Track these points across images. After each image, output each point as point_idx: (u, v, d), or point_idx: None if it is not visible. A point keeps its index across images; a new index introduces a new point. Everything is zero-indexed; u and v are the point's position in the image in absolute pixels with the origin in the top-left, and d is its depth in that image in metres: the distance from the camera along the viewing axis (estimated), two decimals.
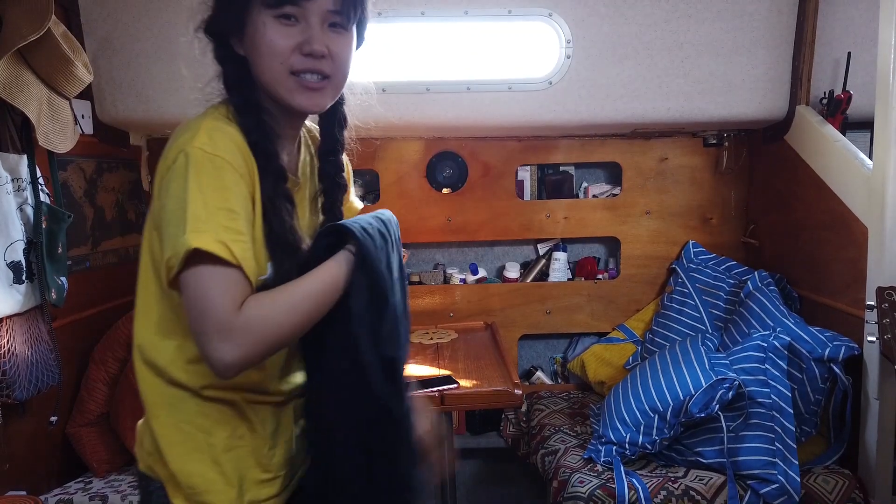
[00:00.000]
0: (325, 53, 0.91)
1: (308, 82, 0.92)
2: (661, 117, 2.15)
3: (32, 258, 1.66)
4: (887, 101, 1.59)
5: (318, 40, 0.90)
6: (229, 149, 0.87)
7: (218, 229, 0.82)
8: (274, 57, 0.90)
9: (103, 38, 2.00)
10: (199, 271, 0.82)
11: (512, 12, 2.06)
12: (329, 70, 0.93)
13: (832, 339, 1.76)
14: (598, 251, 2.63)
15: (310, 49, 0.90)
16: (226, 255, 0.81)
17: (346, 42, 0.95)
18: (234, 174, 0.86)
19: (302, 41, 0.90)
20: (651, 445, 1.75)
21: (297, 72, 0.91)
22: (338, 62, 0.93)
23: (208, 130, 0.87)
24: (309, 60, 0.91)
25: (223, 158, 0.85)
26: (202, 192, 0.83)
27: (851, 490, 1.66)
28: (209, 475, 0.94)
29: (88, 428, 1.91)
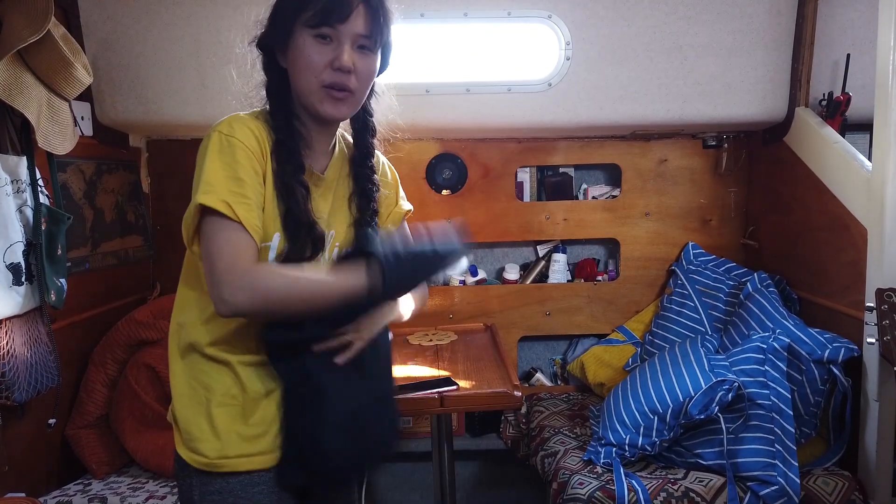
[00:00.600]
0: (351, 69, 1.07)
1: (336, 94, 1.09)
2: (661, 119, 2.15)
3: (32, 260, 1.66)
4: (886, 102, 1.59)
5: (347, 57, 1.07)
6: (244, 133, 1.05)
7: (224, 192, 1.00)
8: (310, 70, 1.08)
9: (103, 40, 2.00)
10: (209, 225, 1.01)
11: (511, 14, 2.06)
12: (353, 85, 1.09)
13: (832, 341, 1.76)
14: (598, 253, 2.63)
15: (339, 64, 1.06)
16: (228, 212, 0.99)
17: (371, 62, 1.12)
18: (244, 151, 1.03)
19: (333, 58, 1.07)
20: (651, 447, 1.75)
21: (327, 85, 1.08)
22: (361, 78, 1.10)
23: (231, 120, 1.06)
24: (338, 74, 1.07)
25: (237, 139, 1.03)
26: (215, 163, 1.02)
27: (851, 492, 1.66)
28: (202, 425, 1.10)
29: (87, 430, 1.91)
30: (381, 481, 2.52)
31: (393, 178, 1.34)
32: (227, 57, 2.01)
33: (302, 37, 1.07)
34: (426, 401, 1.57)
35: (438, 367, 1.82)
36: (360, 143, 1.23)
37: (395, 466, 2.53)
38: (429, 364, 1.85)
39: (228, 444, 1.09)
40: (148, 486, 1.83)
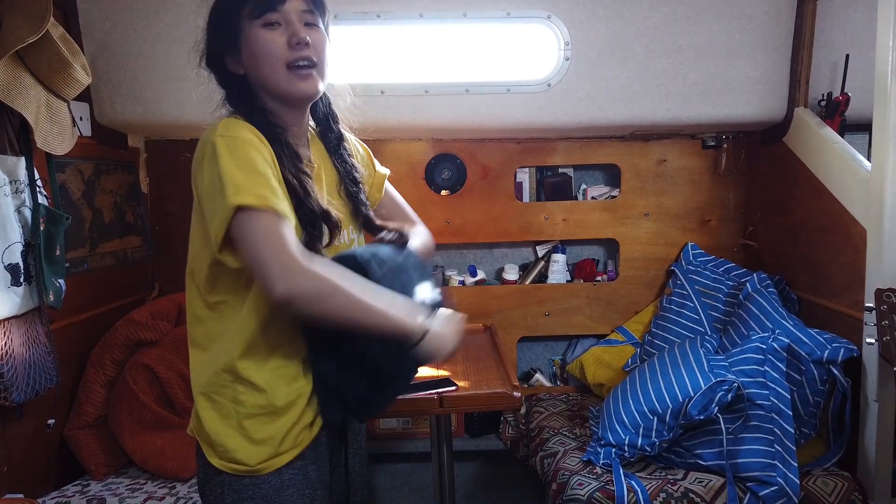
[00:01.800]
0: (309, 42, 1.09)
1: (301, 72, 1.10)
2: (660, 119, 2.15)
3: (30, 260, 1.66)
4: (885, 102, 1.59)
5: (302, 31, 1.09)
6: (245, 131, 1.05)
7: (255, 187, 0.99)
8: (271, 56, 1.09)
9: (102, 41, 2.00)
10: (250, 223, 0.98)
11: (510, 14, 2.06)
12: (315, 57, 1.11)
13: (831, 341, 1.76)
14: (597, 253, 2.63)
15: (297, 39, 1.08)
16: (265, 205, 0.98)
17: (321, 35, 1.13)
18: (254, 147, 1.03)
19: (289, 36, 1.09)
20: (650, 447, 1.75)
21: (290, 64, 1.09)
22: (318, 50, 1.12)
23: (225, 125, 1.05)
24: (298, 49, 1.09)
25: (241, 137, 1.03)
26: (232, 165, 1.00)
27: (851, 492, 1.66)
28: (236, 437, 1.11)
29: (86, 430, 1.90)
30: (381, 482, 2.52)
31: (363, 149, 1.36)
32: None
33: (251, 31, 1.09)
34: (425, 401, 1.57)
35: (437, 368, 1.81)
36: (327, 130, 1.25)
37: (395, 467, 2.52)
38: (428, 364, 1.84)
39: (264, 450, 1.10)
40: (146, 487, 1.83)
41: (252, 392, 1.09)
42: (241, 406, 1.10)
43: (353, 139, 1.33)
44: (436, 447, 1.89)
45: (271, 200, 0.99)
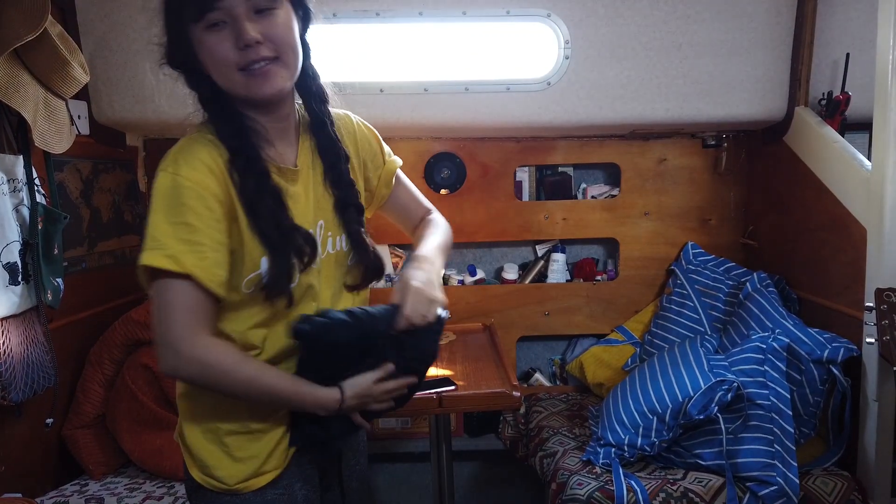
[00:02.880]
0: (259, 39, 0.96)
1: (255, 71, 0.98)
2: (660, 118, 2.15)
3: (28, 259, 1.65)
4: (886, 102, 1.59)
5: (247, 31, 0.95)
6: (191, 168, 0.96)
7: (171, 243, 0.93)
8: (220, 63, 0.98)
9: (100, 39, 1.99)
10: (156, 286, 0.95)
11: (510, 13, 2.06)
12: (272, 52, 0.98)
13: (831, 341, 1.76)
14: (597, 252, 2.62)
15: (242, 42, 0.95)
16: (175, 267, 0.92)
17: (279, 20, 0.99)
18: (192, 191, 0.95)
19: (234, 38, 0.96)
20: (650, 447, 1.75)
21: (243, 67, 0.97)
22: (278, 41, 0.98)
23: (176, 153, 0.98)
24: (248, 52, 0.96)
25: (182, 177, 0.95)
26: (159, 213, 0.95)
27: (850, 492, 1.66)
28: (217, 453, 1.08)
29: (84, 430, 1.90)
30: (381, 481, 2.52)
31: (371, 134, 1.23)
32: None
33: (196, 36, 0.98)
34: (425, 401, 1.56)
35: (437, 367, 1.81)
36: (311, 113, 1.12)
37: (394, 467, 2.52)
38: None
39: (246, 468, 1.07)
40: (145, 487, 1.83)
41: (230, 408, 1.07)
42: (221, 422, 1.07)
43: (357, 121, 1.22)
44: (435, 447, 1.89)
45: (186, 259, 0.92)
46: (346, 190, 1.12)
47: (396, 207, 1.30)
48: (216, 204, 0.97)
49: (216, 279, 0.96)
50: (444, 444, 1.86)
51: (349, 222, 1.13)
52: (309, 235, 1.05)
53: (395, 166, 1.25)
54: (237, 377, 0.99)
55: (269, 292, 1.01)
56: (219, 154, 0.99)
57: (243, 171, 0.99)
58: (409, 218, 1.32)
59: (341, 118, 1.19)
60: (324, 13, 1.98)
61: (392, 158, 1.25)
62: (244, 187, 0.99)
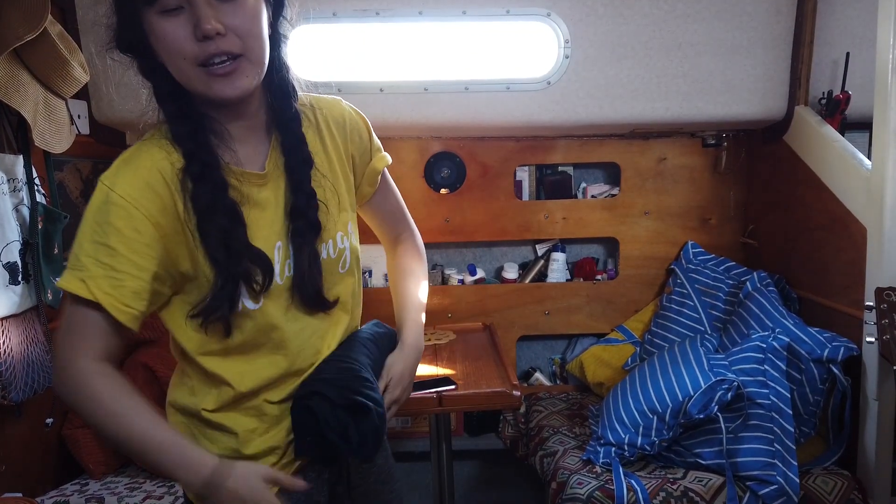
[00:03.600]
0: (220, 31, 0.83)
1: (217, 69, 0.85)
2: (660, 117, 2.15)
3: (28, 259, 1.66)
4: (886, 101, 1.59)
5: (207, 19, 0.82)
6: (130, 182, 0.87)
7: (88, 265, 0.86)
8: (174, 55, 0.85)
9: (100, 38, 1.99)
10: (68, 305, 0.90)
11: (510, 12, 2.06)
12: (236, 47, 0.86)
13: (831, 340, 1.76)
14: (597, 252, 2.62)
15: (201, 32, 0.82)
16: (82, 292, 0.86)
17: (244, 9, 0.86)
18: (123, 210, 0.86)
19: (192, 28, 0.83)
20: (650, 447, 1.75)
21: (201, 63, 0.85)
22: (242, 33, 0.86)
23: (120, 162, 0.90)
24: (207, 45, 0.84)
25: (116, 194, 0.86)
26: (86, 229, 0.87)
27: (850, 491, 1.66)
28: None
29: (84, 429, 1.90)
30: None
31: (363, 124, 1.10)
32: None
33: (148, 20, 0.85)
34: (425, 400, 1.56)
35: (437, 367, 1.81)
36: (274, 110, 0.99)
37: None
38: (427, 363, 1.84)
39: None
40: (145, 486, 1.83)
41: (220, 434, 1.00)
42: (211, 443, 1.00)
43: (350, 110, 1.09)
44: (435, 446, 1.89)
45: (95, 285, 0.85)
46: (300, 198, 0.98)
47: (376, 212, 1.19)
48: (148, 226, 0.87)
49: (127, 311, 0.88)
50: (444, 443, 1.86)
51: (295, 235, 0.98)
52: (262, 256, 0.94)
53: (383, 164, 1.13)
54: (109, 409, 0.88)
55: (203, 317, 0.91)
56: (169, 163, 0.90)
57: (197, 179, 0.89)
58: (386, 228, 1.23)
59: (329, 104, 1.07)
60: (323, 12, 1.99)
61: (381, 155, 1.13)
62: (196, 198, 0.89)
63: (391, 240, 1.25)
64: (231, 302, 0.92)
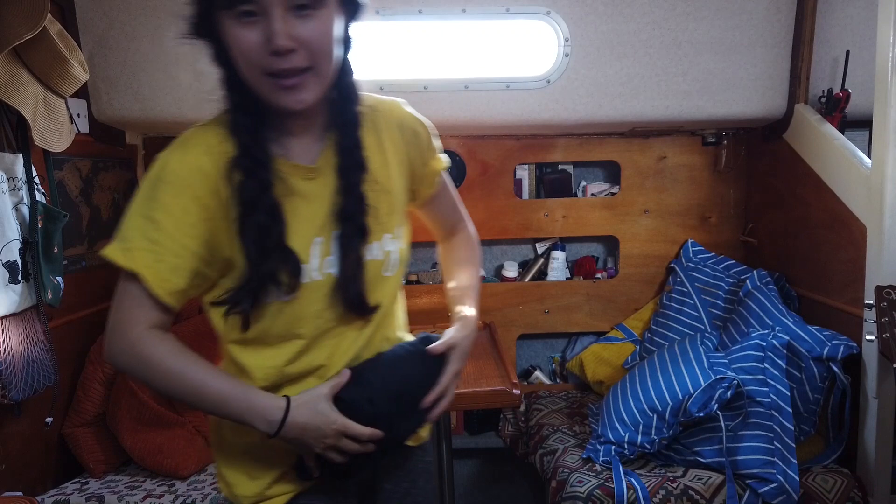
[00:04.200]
0: (292, 47, 0.85)
1: (284, 82, 0.87)
2: (660, 116, 2.15)
3: (28, 258, 1.65)
4: (886, 99, 1.59)
5: (281, 34, 0.84)
6: (183, 161, 0.91)
7: (134, 237, 0.90)
8: (247, 61, 0.87)
9: (99, 37, 1.99)
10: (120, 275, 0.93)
11: (510, 10, 2.05)
12: (305, 62, 0.87)
13: (831, 338, 1.76)
14: (597, 250, 2.62)
15: (273, 47, 0.84)
16: (125, 263, 0.90)
17: (319, 24, 0.87)
18: (172, 187, 0.90)
19: (265, 39, 0.84)
20: (650, 445, 1.75)
21: (271, 73, 0.87)
22: (314, 48, 0.87)
23: (177, 143, 0.93)
24: (278, 60, 0.85)
25: (169, 169, 0.90)
26: (138, 201, 0.91)
27: (850, 489, 1.66)
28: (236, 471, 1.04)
29: (85, 428, 1.90)
30: None
31: (421, 129, 1.09)
32: None
33: (223, 22, 0.86)
34: None
35: None
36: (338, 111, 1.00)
37: None
38: None
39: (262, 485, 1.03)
40: (146, 485, 1.83)
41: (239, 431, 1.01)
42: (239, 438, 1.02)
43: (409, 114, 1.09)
44: (435, 445, 1.89)
45: (138, 257, 0.89)
46: (349, 201, 0.98)
47: (434, 210, 1.21)
48: (195, 206, 0.90)
49: (166, 286, 0.90)
50: (444, 441, 1.86)
51: (342, 238, 0.98)
52: (293, 258, 0.94)
53: (441, 166, 1.14)
54: (166, 368, 0.92)
55: (225, 307, 0.94)
56: (221, 151, 0.91)
57: (246, 172, 0.91)
58: (443, 224, 1.24)
59: (389, 106, 1.07)
60: None
61: (439, 156, 1.14)
62: (241, 191, 0.91)
63: (445, 235, 1.27)
64: (254, 297, 0.93)
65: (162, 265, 0.90)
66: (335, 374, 1.01)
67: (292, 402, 0.93)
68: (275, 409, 0.93)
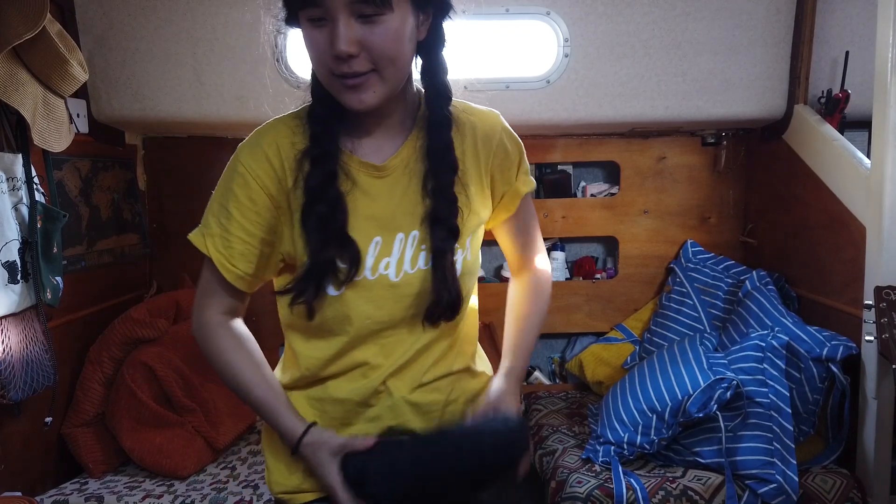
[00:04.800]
0: (352, 53, 0.87)
1: (348, 82, 0.90)
2: (660, 116, 2.15)
3: (27, 258, 1.65)
4: (885, 100, 1.59)
5: (343, 39, 0.86)
6: (253, 153, 0.97)
7: (211, 224, 0.98)
8: (316, 61, 0.92)
9: (99, 37, 1.99)
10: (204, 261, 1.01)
11: (509, 11, 2.06)
12: (367, 65, 0.89)
13: (830, 339, 1.76)
14: (597, 251, 2.62)
15: (335, 52, 0.87)
16: (200, 246, 0.98)
17: (384, 29, 0.88)
18: (241, 178, 0.96)
19: (329, 44, 0.88)
20: (649, 445, 1.75)
21: (337, 74, 0.90)
22: (376, 52, 0.88)
23: (257, 133, 0.99)
24: (340, 63, 0.88)
25: (240, 162, 0.97)
26: (217, 190, 0.99)
27: (849, 490, 1.66)
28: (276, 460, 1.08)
29: (84, 428, 1.90)
30: None
31: (513, 146, 1.09)
32: (224, 54, 2.00)
33: (302, 23, 0.91)
34: None
35: None
36: (431, 111, 1.01)
37: None
38: None
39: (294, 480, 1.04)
40: (145, 486, 1.83)
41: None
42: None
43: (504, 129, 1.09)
44: None
45: (210, 244, 0.97)
46: (442, 203, 0.99)
47: (509, 235, 1.18)
48: (262, 197, 0.96)
49: (234, 270, 0.97)
50: None
51: (435, 240, 0.98)
52: (354, 247, 0.96)
53: (526, 189, 1.12)
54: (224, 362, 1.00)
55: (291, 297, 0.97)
56: (291, 141, 0.97)
57: (314, 162, 0.95)
58: (516, 252, 1.20)
59: (483, 116, 1.08)
60: None
61: (526, 178, 1.12)
62: (307, 180, 0.95)
63: (518, 266, 1.23)
64: (317, 287, 0.96)
65: (230, 251, 0.97)
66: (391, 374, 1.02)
67: (304, 438, 0.97)
68: (291, 435, 0.98)
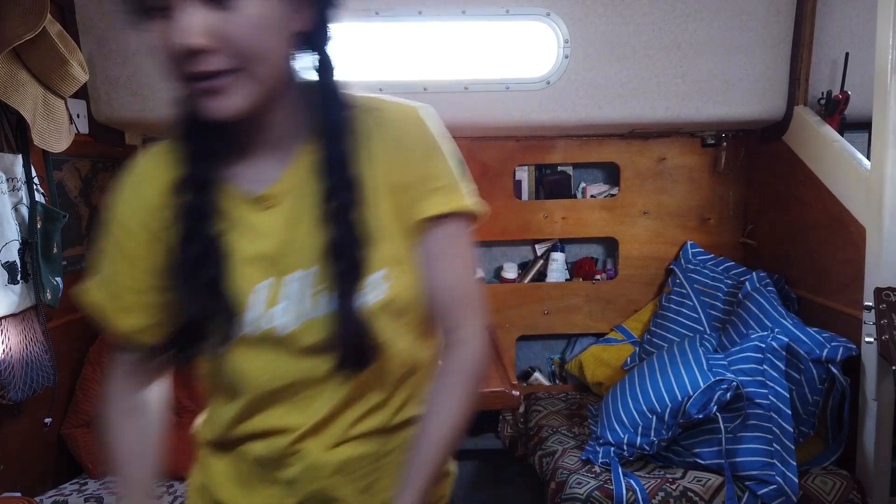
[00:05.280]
0: (204, 46, 0.66)
1: (204, 84, 0.69)
2: (659, 117, 2.15)
3: (27, 258, 1.65)
4: (885, 101, 1.59)
5: (185, 30, 0.66)
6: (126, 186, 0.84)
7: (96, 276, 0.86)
8: (166, 63, 0.70)
9: (99, 37, 1.99)
10: None
11: (509, 12, 2.06)
12: (229, 63, 0.68)
13: (830, 340, 1.76)
14: (596, 251, 2.62)
15: (179, 46, 0.66)
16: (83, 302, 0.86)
17: (242, 15, 0.67)
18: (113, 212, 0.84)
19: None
20: (649, 446, 1.75)
21: (189, 77, 0.69)
22: (240, 46, 0.68)
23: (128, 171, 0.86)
24: (190, 62, 0.68)
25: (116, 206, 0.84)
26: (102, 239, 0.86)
27: (849, 491, 1.66)
28: None
29: (83, 429, 1.90)
30: None
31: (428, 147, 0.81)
32: None
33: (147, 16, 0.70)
34: None
35: None
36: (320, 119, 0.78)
37: None
38: None
39: None
40: None
41: None
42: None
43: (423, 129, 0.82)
44: None
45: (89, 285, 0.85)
46: (341, 231, 0.76)
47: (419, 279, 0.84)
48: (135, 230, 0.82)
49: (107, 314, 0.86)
50: None
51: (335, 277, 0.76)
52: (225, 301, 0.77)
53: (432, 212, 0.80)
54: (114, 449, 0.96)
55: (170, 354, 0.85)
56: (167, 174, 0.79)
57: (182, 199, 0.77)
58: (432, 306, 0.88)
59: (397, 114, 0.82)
60: None
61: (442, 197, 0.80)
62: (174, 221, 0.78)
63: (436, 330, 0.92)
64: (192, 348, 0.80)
65: (100, 293, 0.85)
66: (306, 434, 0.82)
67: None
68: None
